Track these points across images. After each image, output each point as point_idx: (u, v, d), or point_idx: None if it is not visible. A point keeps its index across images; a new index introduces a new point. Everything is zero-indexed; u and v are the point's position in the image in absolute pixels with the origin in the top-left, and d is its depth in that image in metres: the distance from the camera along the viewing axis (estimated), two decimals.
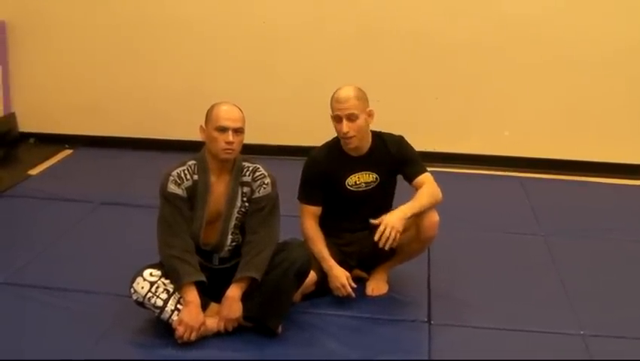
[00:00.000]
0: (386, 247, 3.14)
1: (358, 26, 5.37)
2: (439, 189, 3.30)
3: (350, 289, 3.30)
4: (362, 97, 3.26)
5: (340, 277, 3.30)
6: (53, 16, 5.58)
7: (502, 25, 5.28)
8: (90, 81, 5.67)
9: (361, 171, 3.35)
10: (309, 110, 5.41)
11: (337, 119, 3.24)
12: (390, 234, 3.12)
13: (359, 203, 3.36)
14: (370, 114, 3.29)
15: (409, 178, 3.34)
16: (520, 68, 5.35)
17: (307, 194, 3.39)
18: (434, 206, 3.28)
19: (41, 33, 5.63)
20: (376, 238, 3.14)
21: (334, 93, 3.27)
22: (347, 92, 3.23)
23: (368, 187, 3.36)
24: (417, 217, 3.25)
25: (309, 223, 3.37)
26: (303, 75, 5.46)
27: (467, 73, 5.38)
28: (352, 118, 3.21)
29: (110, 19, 5.55)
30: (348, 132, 3.22)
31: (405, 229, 3.32)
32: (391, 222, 3.13)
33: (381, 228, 3.13)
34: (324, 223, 3.40)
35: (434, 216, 3.27)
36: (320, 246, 3.33)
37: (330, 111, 3.29)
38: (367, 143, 3.34)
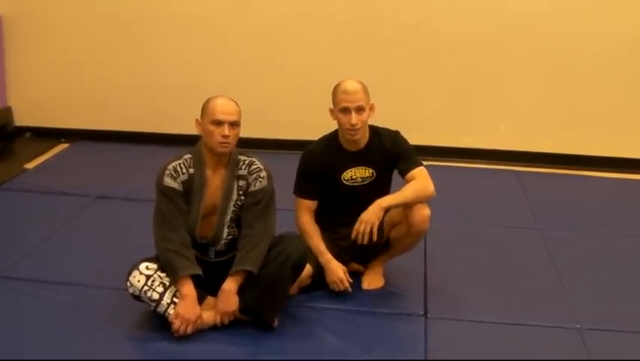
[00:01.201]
0: (364, 242, 3.17)
1: (358, 21, 5.36)
2: (431, 184, 3.27)
3: (347, 284, 3.31)
4: (367, 90, 3.26)
5: (337, 271, 3.30)
6: (50, 9, 5.57)
7: (498, 20, 5.27)
8: (87, 75, 5.66)
9: (357, 166, 3.34)
10: (307, 105, 5.40)
11: (345, 111, 3.22)
12: (365, 229, 3.15)
13: (354, 198, 3.35)
14: (372, 108, 3.29)
15: (402, 173, 3.32)
16: (517, 62, 5.34)
17: (303, 188, 3.39)
18: (422, 200, 3.25)
19: (37, 27, 5.62)
20: (352, 236, 3.19)
21: (339, 86, 3.25)
22: (355, 85, 3.23)
23: (364, 182, 3.36)
24: (407, 211, 3.25)
25: (305, 218, 3.37)
26: (301, 70, 5.45)
27: (464, 68, 5.38)
28: (360, 110, 3.21)
29: (106, 12, 5.54)
30: (356, 124, 3.21)
31: (396, 223, 3.33)
32: (365, 219, 3.16)
33: (356, 225, 3.17)
34: (319, 217, 3.40)
35: (424, 210, 3.25)
36: (317, 240, 3.33)
37: (330, 104, 3.28)
38: (365, 137, 3.34)
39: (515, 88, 5.41)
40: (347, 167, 3.34)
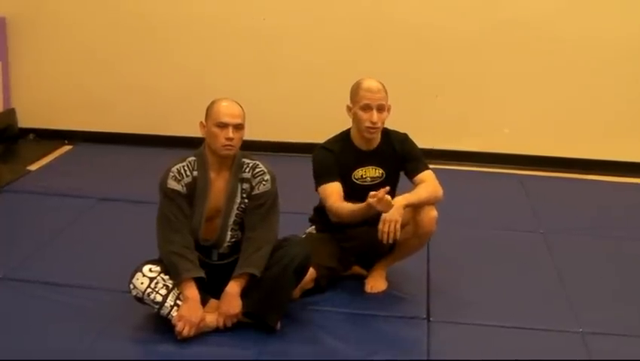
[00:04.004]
0: (390, 241, 3.14)
1: (359, 24, 5.37)
2: (440, 187, 3.30)
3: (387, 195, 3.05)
4: (386, 91, 3.29)
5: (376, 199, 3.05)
6: (53, 12, 5.59)
7: (502, 23, 5.28)
8: (90, 77, 5.67)
9: (368, 165, 3.35)
10: (309, 107, 5.42)
11: (366, 108, 3.23)
12: (390, 228, 3.11)
13: (362, 198, 3.34)
14: (389, 109, 3.31)
15: (411, 174, 3.34)
16: (520, 65, 5.35)
17: (326, 175, 3.28)
18: (433, 202, 3.27)
19: (41, 29, 5.63)
20: (379, 237, 3.13)
21: (362, 83, 3.28)
22: (377, 84, 3.27)
23: (373, 182, 3.36)
24: (415, 213, 3.26)
25: (337, 202, 3.22)
26: (303, 72, 5.46)
27: (467, 71, 5.39)
28: (381, 109, 3.24)
29: (109, 14, 5.55)
30: (376, 122, 3.23)
31: (403, 224, 3.32)
32: (388, 218, 3.11)
33: (380, 226, 3.12)
34: (325, 218, 3.37)
35: (432, 212, 3.26)
36: (354, 206, 3.17)
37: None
38: (378, 138, 3.35)
39: (518, 91, 5.41)
40: (359, 166, 3.35)
